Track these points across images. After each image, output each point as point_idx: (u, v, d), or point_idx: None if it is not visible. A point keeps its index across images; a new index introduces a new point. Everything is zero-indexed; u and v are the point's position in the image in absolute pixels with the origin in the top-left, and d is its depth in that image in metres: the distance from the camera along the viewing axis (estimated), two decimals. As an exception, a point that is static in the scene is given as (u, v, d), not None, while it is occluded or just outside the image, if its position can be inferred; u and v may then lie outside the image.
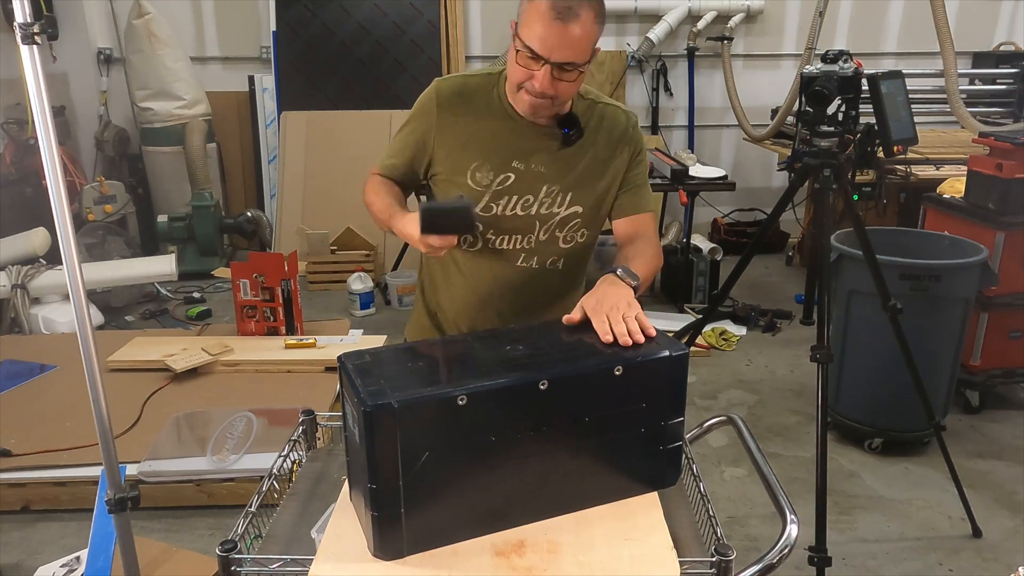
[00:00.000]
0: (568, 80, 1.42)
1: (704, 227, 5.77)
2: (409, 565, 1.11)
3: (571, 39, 1.37)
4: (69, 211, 1.57)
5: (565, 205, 1.57)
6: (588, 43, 1.40)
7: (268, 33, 5.42)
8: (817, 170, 2.25)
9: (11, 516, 2.63)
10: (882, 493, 2.77)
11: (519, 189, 1.56)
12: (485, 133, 1.55)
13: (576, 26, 1.36)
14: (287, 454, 1.49)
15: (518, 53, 1.41)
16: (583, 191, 1.58)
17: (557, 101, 1.46)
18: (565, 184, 1.57)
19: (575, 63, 1.40)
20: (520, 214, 1.57)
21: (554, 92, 1.43)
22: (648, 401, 1.20)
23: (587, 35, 1.39)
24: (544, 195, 1.56)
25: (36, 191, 4.66)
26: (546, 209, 1.57)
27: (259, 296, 3.68)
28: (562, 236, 1.60)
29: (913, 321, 2.58)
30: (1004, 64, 5.23)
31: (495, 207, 1.56)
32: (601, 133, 1.58)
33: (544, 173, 1.56)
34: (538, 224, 1.58)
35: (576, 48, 1.38)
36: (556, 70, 1.40)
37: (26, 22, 1.43)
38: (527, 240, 1.59)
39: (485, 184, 1.55)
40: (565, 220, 1.58)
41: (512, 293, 1.63)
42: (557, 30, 1.36)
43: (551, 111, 1.50)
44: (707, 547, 1.21)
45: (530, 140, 1.55)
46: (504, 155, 1.55)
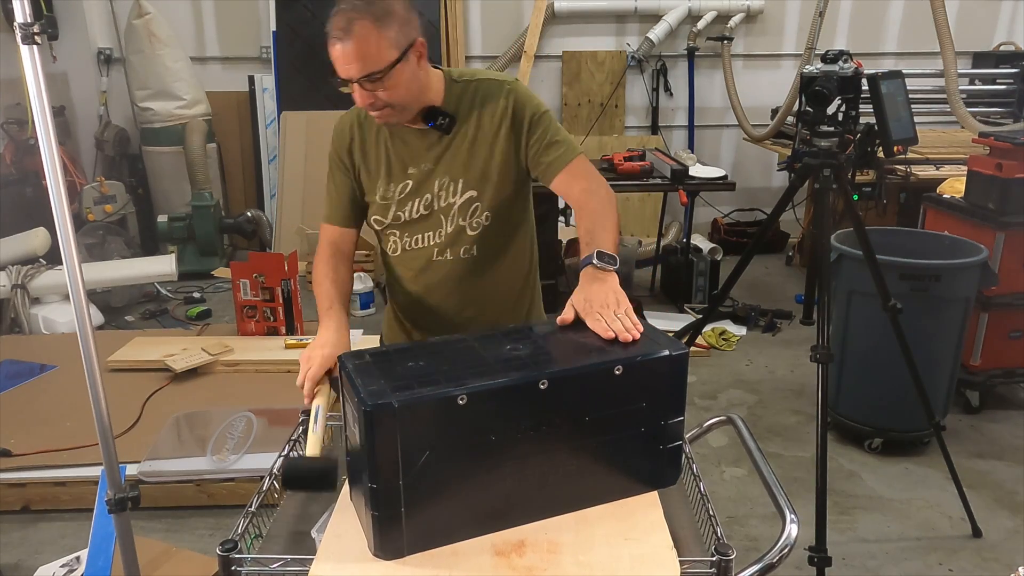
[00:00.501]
0: (387, 87, 1.45)
1: (704, 227, 5.77)
2: (409, 565, 1.11)
3: (356, 54, 1.41)
4: (69, 211, 1.57)
5: (459, 193, 1.60)
6: (377, 49, 1.41)
7: (268, 33, 5.42)
8: (817, 170, 2.25)
9: (11, 516, 2.63)
10: (882, 493, 2.77)
11: (418, 191, 1.61)
12: (379, 152, 1.63)
13: (354, 40, 1.40)
14: (287, 454, 1.49)
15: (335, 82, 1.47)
16: (473, 175, 1.59)
17: (395, 106, 1.49)
18: (454, 173, 1.59)
19: (373, 72, 1.42)
20: (424, 213, 1.63)
21: (383, 100, 1.46)
22: (648, 401, 1.20)
23: (369, 43, 1.41)
24: (439, 189, 1.61)
25: (36, 191, 4.67)
26: (444, 202, 1.61)
27: (259, 296, 3.68)
28: (467, 224, 1.62)
29: (913, 321, 2.57)
30: (1004, 64, 5.23)
31: (402, 214, 1.64)
32: (482, 111, 1.58)
33: (434, 168, 1.60)
34: (442, 217, 1.62)
35: (365, 59, 1.41)
36: (365, 83, 1.44)
37: (26, 22, 1.43)
38: (437, 235, 1.64)
39: (390, 196, 1.63)
40: (464, 207, 1.61)
41: (445, 287, 1.67)
42: (341, 51, 1.41)
43: (402, 116, 1.53)
44: (707, 547, 1.21)
45: (412, 143, 1.60)
46: (398, 166, 1.62)
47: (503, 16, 5.52)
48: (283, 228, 5.28)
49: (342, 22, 1.40)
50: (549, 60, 5.61)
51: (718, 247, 4.68)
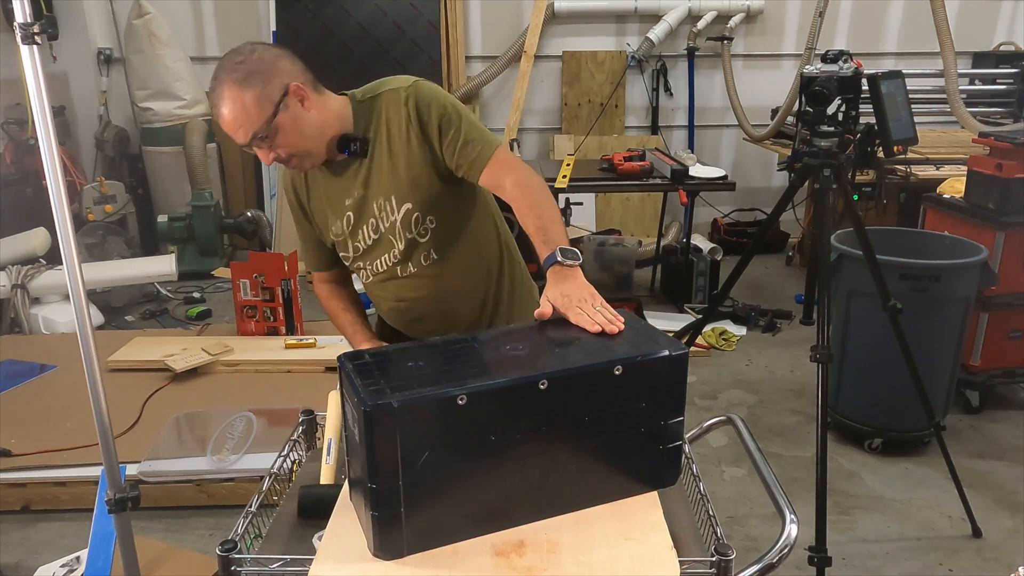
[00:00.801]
0: (279, 141, 1.47)
1: (704, 227, 5.77)
2: (409, 565, 1.11)
3: (233, 121, 1.43)
4: (69, 211, 1.57)
5: (396, 209, 1.59)
6: (249, 111, 1.42)
7: (268, 33, 5.42)
8: (817, 170, 2.25)
9: (11, 516, 2.63)
10: (882, 493, 2.77)
11: (361, 219, 1.62)
12: (318, 195, 1.66)
13: (227, 109, 1.42)
14: (287, 454, 1.49)
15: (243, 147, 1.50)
16: (402, 188, 1.58)
17: (299, 152, 1.51)
18: (385, 191, 1.58)
19: (256, 133, 1.44)
20: (375, 237, 1.64)
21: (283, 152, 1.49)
22: (648, 401, 1.20)
23: (240, 108, 1.42)
24: (378, 211, 1.60)
25: (36, 191, 4.67)
26: (386, 221, 1.61)
27: (259, 296, 3.68)
28: (416, 233, 1.62)
29: (913, 321, 2.57)
30: (1004, 64, 5.23)
31: (360, 245, 1.66)
32: (390, 124, 1.56)
33: (366, 194, 1.60)
34: (390, 237, 1.62)
35: (243, 124, 1.43)
36: (258, 143, 1.46)
37: (26, 22, 1.43)
38: (392, 255, 1.64)
39: (340, 232, 1.66)
40: (405, 221, 1.60)
41: (422, 296, 1.68)
42: (222, 122, 1.44)
43: (315, 159, 1.55)
44: (707, 547, 1.21)
45: (338, 177, 1.61)
46: (336, 201, 1.63)
47: (503, 16, 5.52)
48: (283, 228, 5.28)
49: (214, 95, 1.43)
50: (549, 60, 5.60)
51: (718, 247, 4.68)
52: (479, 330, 1.60)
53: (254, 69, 1.43)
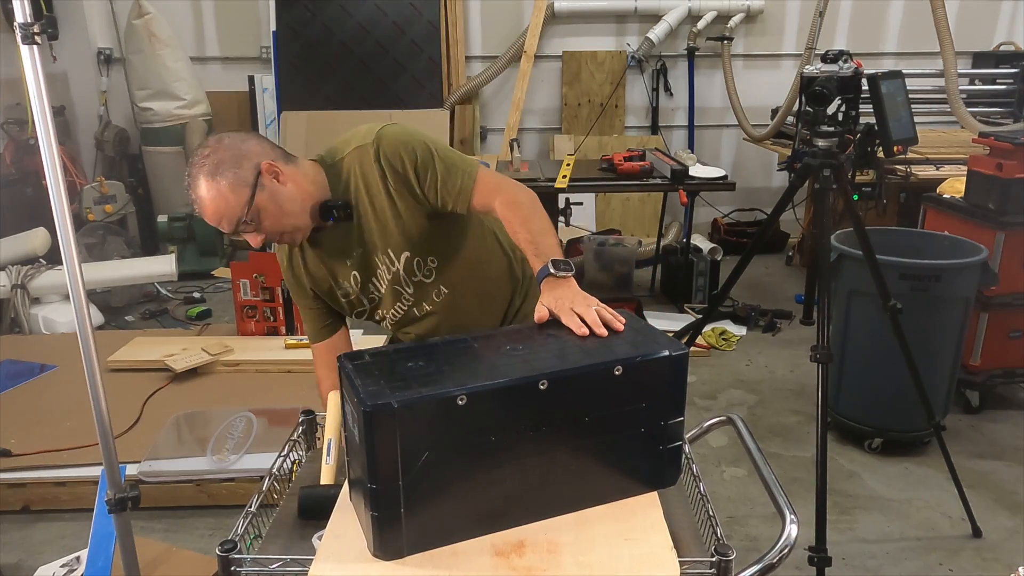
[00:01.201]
0: (265, 221, 1.46)
1: (704, 227, 5.77)
2: (409, 565, 1.11)
3: (214, 213, 1.43)
4: (69, 211, 1.57)
5: (396, 260, 1.60)
6: (227, 199, 1.42)
7: (268, 33, 5.42)
8: (817, 170, 2.25)
9: (11, 516, 2.63)
10: (882, 493, 2.77)
11: (367, 275, 1.63)
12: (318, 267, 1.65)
13: (205, 204, 1.42)
14: (287, 454, 1.49)
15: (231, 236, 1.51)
16: (395, 240, 1.58)
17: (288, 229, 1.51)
18: (382, 246, 1.59)
19: (239, 219, 1.44)
20: (385, 288, 1.64)
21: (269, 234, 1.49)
22: (648, 401, 1.20)
23: (217, 199, 1.41)
24: (381, 265, 1.61)
25: (36, 191, 4.67)
26: (390, 272, 1.62)
27: (259, 296, 3.68)
28: (421, 276, 1.63)
29: (913, 321, 2.57)
30: (1004, 64, 5.23)
31: (374, 296, 1.66)
32: (367, 181, 1.53)
33: (364, 252, 1.60)
34: (398, 286, 1.64)
35: (224, 212, 1.42)
36: (243, 228, 1.46)
37: (26, 22, 1.43)
38: (405, 298, 1.66)
39: (351, 291, 1.65)
40: (408, 268, 1.61)
41: (442, 326, 1.69)
42: (204, 215, 1.44)
43: (304, 231, 1.53)
44: (707, 547, 1.21)
45: (334, 241, 1.60)
46: (338, 266, 1.63)
47: (503, 16, 5.52)
48: (283, 228, 5.28)
49: (192, 194, 1.43)
50: (549, 60, 5.60)
51: (718, 247, 4.67)
52: None
53: (222, 158, 1.42)
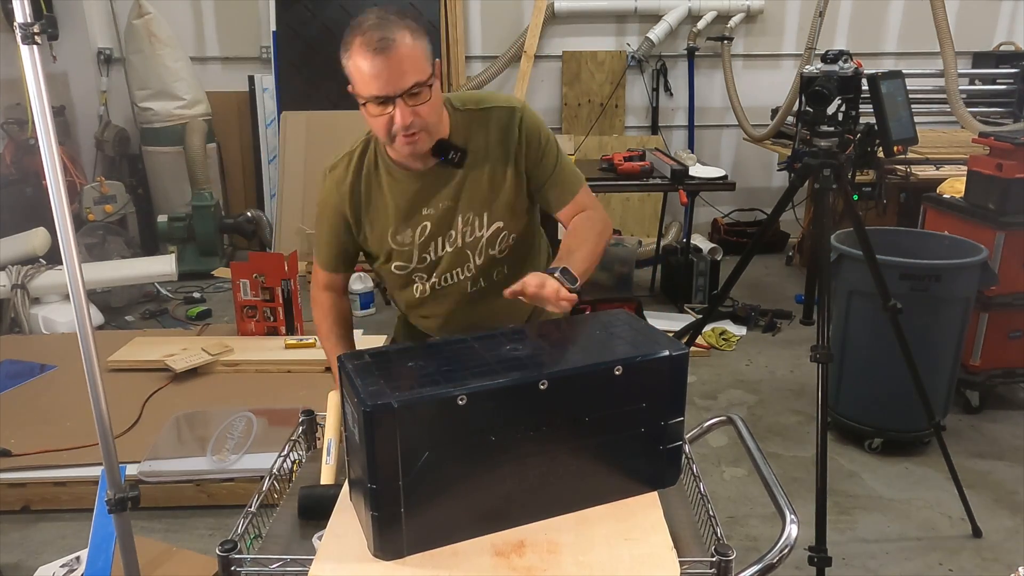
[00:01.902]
0: (424, 102, 1.40)
1: (704, 227, 5.77)
2: (409, 565, 1.11)
3: (401, 65, 1.36)
4: (69, 211, 1.57)
5: (485, 226, 1.57)
6: (418, 60, 1.38)
7: (268, 33, 5.42)
8: (817, 170, 2.25)
9: (11, 516, 2.63)
10: (882, 493, 2.77)
11: (439, 231, 1.57)
12: (384, 199, 1.58)
13: (397, 51, 1.35)
14: (287, 454, 1.49)
15: (367, 107, 1.40)
16: (496, 205, 1.56)
17: (428, 128, 1.44)
18: (477, 207, 1.56)
19: (418, 82, 1.38)
20: (450, 251, 1.59)
21: (421, 119, 1.41)
22: (648, 401, 1.20)
23: (413, 53, 1.37)
24: (463, 225, 1.57)
25: (36, 191, 4.66)
26: (470, 236, 1.58)
27: (259, 296, 3.68)
28: (496, 251, 1.60)
29: (913, 321, 2.57)
30: (1004, 64, 5.23)
31: (428, 256, 1.60)
32: (492, 138, 1.55)
33: (452, 206, 1.56)
34: (469, 253, 1.59)
35: (411, 70, 1.37)
36: (407, 99, 1.38)
37: (26, 22, 1.43)
38: (467, 268, 1.61)
39: (408, 243, 1.59)
40: (492, 238, 1.58)
41: (479, 312, 1.65)
42: (383, 64, 1.35)
43: (428, 142, 1.47)
44: (707, 547, 1.21)
45: (425, 186, 1.55)
46: (410, 210, 1.57)
47: (503, 16, 5.52)
48: (283, 228, 5.28)
49: (375, 37, 1.34)
50: (549, 60, 5.60)
51: (718, 247, 4.67)
52: None
53: (421, 28, 1.40)
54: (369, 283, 4.55)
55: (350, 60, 1.38)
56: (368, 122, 1.45)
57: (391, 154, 1.55)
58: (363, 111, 1.43)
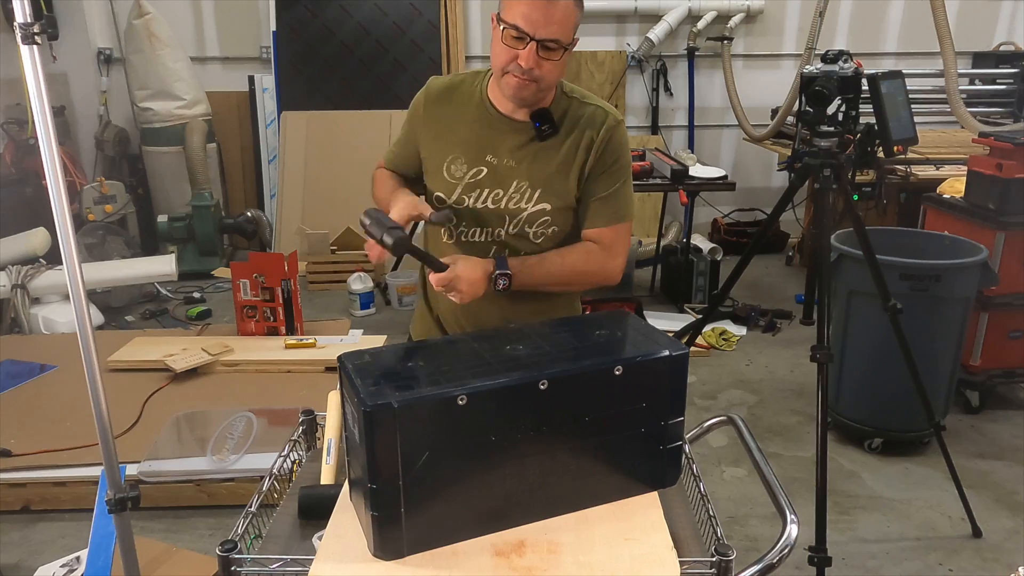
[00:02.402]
0: (553, 60, 1.44)
1: (704, 227, 5.77)
2: (409, 565, 1.11)
3: (555, 15, 1.40)
4: (69, 211, 1.57)
5: (533, 201, 1.57)
6: (571, 22, 1.43)
7: (268, 33, 5.42)
8: (817, 170, 2.25)
9: (11, 516, 2.63)
10: (882, 493, 2.77)
11: (490, 183, 1.57)
12: (461, 126, 1.59)
13: (559, 3, 1.40)
14: (287, 454, 1.49)
15: (504, 33, 1.43)
16: (551, 189, 1.57)
17: (542, 84, 1.47)
18: (535, 180, 1.56)
19: (559, 41, 1.42)
20: (491, 207, 1.58)
21: (539, 72, 1.44)
22: (648, 401, 1.20)
23: (570, 13, 1.42)
24: (513, 190, 1.57)
25: (36, 191, 4.66)
26: (514, 204, 1.58)
27: (259, 296, 3.68)
28: (532, 232, 1.60)
29: (913, 321, 2.57)
30: (1004, 64, 5.23)
31: (467, 199, 1.59)
32: (577, 131, 1.57)
33: (515, 168, 1.56)
34: (507, 218, 1.58)
35: (560, 25, 1.41)
36: (541, 49, 1.42)
37: (26, 22, 1.43)
38: (496, 233, 1.60)
39: (459, 176, 1.59)
40: (533, 216, 1.58)
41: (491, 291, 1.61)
42: (541, 6, 1.39)
43: (536, 97, 1.50)
44: (707, 547, 1.21)
45: (504, 134, 1.56)
46: (478, 148, 1.58)
47: (503, 16, 5.52)
48: (283, 228, 5.28)
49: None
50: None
51: (718, 247, 4.67)
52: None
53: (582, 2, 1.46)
54: (369, 283, 4.55)
55: None
56: (494, 48, 1.48)
57: (492, 90, 1.57)
58: (495, 33, 1.46)
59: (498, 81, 1.51)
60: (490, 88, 1.58)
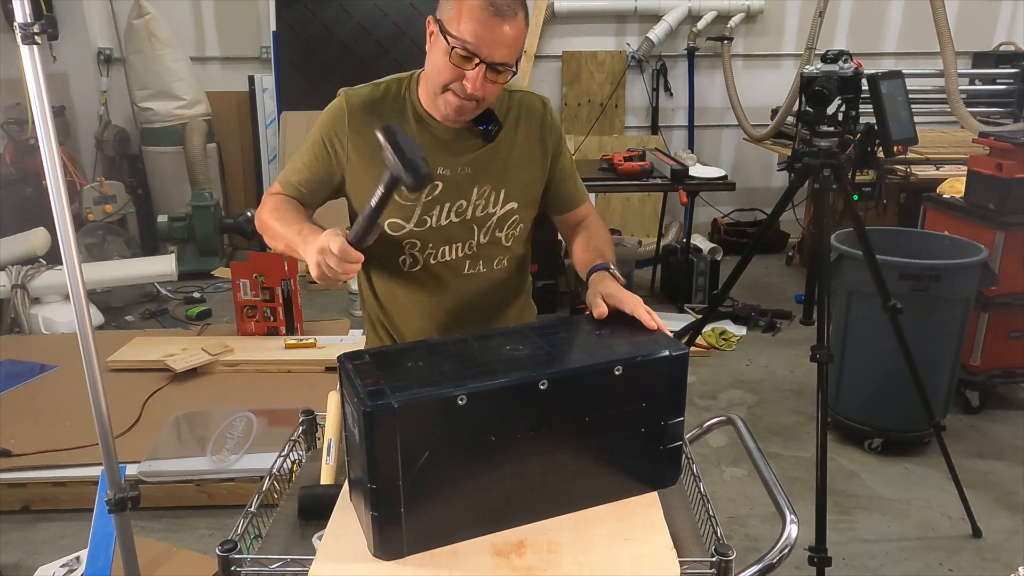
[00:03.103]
0: (499, 82, 1.38)
1: (704, 227, 5.77)
2: (409, 565, 1.11)
3: (507, 38, 1.32)
4: (69, 211, 1.57)
5: (500, 203, 1.52)
6: (520, 44, 1.37)
7: (268, 33, 5.42)
8: (817, 170, 2.25)
9: (11, 516, 2.63)
10: (882, 493, 2.77)
11: (450, 196, 1.49)
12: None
13: (512, 25, 1.32)
14: (287, 454, 1.49)
15: (452, 51, 1.33)
16: (515, 186, 1.53)
17: (483, 104, 1.41)
18: (496, 182, 1.51)
19: (507, 64, 1.35)
20: (455, 221, 1.50)
21: (483, 94, 1.37)
22: (648, 401, 1.20)
23: (520, 35, 1.35)
24: (477, 197, 1.50)
25: (36, 191, 4.66)
26: (481, 211, 1.51)
27: (259, 296, 3.68)
28: (503, 235, 1.55)
29: (913, 321, 2.57)
30: (1004, 64, 5.23)
31: (429, 219, 1.49)
32: (520, 123, 1.53)
33: (472, 174, 1.49)
34: (476, 228, 1.52)
35: (511, 48, 1.34)
36: (489, 71, 1.34)
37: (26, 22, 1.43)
38: (468, 246, 1.53)
39: (413, 198, 1.46)
40: (503, 219, 1.53)
41: (469, 303, 1.58)
42: (495, 28, 1.30)
43: (474, 115, 1.44)
44: (707, 547, 1.21)
45: (451, 143, 1.48)
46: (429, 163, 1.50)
47: (503, 16, 5.52)
48: (283, 228, 5.27)
49: (504, 2, 1.30)
50: (549, 60, 5.60)
51: (718, 247, 4.68)
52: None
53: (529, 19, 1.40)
54: (369, 283, 4.54)
55: (467, 4, 1.31)
56: (433, 59, 1.38)
57: (425, 102, 1.48)
58: (435, 42, 1.37)
59: (434, 97, 1.42)
60: (421, 95, 1.49)
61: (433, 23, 1.38)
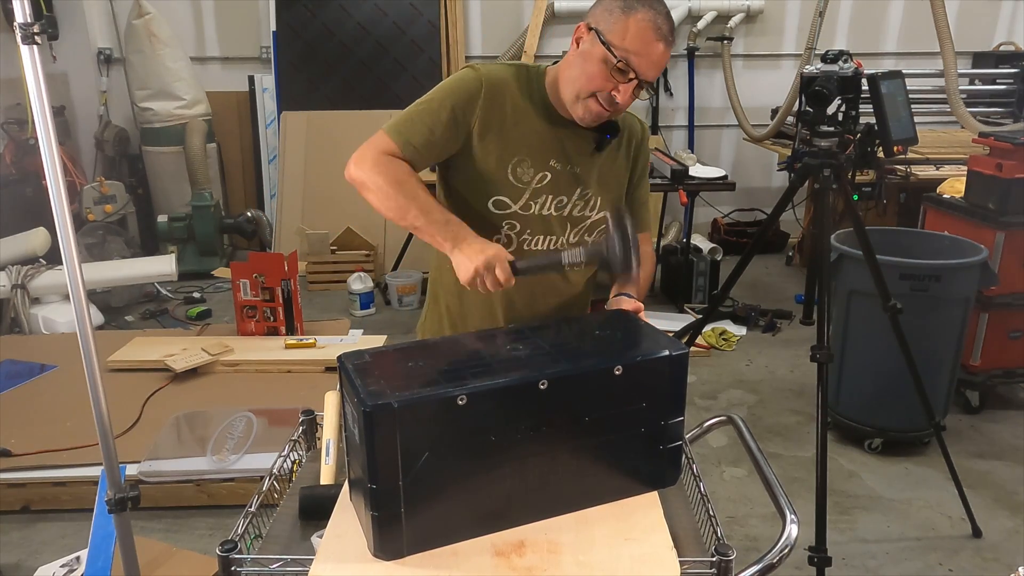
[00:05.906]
0: (638, 97, 1.44)
1: (704, 227, 5.77)
2: (409, 565, 1.11)
3: (663, 61, 1.41)
4: (69, 211, 1.57)
5: (596, 209, 1.56)
6: (664, 66, 1.45)
7: (268, 33, 5.42)
8: (817, 170, 2.25)
9: (11, 516, 2.63)
10: (882, 493, 2.77)
11: (554, 189, 1.52)
12: (528, 128, 1.50)
13: (669, 49, 1.40)
14: (287, 454, 1.49)
15: (607, 61, 1.37)
16: (609, 196, 1.58)
17: (616, 115, 1.49)
18: (597, 188, 1.56)
19: (652, 83, 1.43)
20: (554, 214, 1.54)
21: (624, 108, 1.46)
22: (648, 401, 1.20)
23: (666, 60, 1.43)
24: (577, 197, 1.54)
25: (36, 191, 4.67)
26: (579, 212, 1.56)
27: (259, 296, 3.68)
28: (590, 241, 1.58)
29: (913, 321, 2.57)
30: (1004, 64, 5.23)
31: (534, 205, 1.52)
32: (625, 140, 1.60)
33: (579, 175, 1.54)
34: (569, 226, 1.56)
35: (659, 70, 1.42)
36: (636, 88, 1.41)
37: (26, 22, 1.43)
38: (556, 242, 1.56)
39: (526, 181, 1.50)
40: (593, 225, 1.57)
41: (540, 299, 1.61)
42: (656, 49, 1.38)
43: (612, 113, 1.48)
44: (707, 547, 1.21)
45: (569, 141, 1.53)
46: (544, 153, 1.51)
47: (503, 16, 5.52)
48: (283, 228, 5.28)
49: (666, 28, 1.37)
50: (549, 60, 5.59)
51: (718, 247, 4.68)
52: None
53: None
54: (369, 283, 4.55)
55: (634, 21, 1.35)
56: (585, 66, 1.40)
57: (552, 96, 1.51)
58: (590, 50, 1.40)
59: (575, 101, 1.45)
60: (548, 88, 1.52)
61: (587, 31, 1.42)
